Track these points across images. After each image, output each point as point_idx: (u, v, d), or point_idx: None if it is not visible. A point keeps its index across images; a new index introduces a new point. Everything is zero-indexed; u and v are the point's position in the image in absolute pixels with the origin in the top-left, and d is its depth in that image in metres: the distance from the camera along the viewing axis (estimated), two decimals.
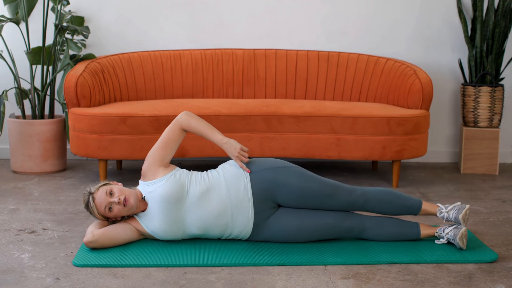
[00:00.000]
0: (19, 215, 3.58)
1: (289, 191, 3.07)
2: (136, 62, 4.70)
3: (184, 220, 3.03)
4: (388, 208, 3.13)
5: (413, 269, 2.85)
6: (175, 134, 3.12)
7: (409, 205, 3.14)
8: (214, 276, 2.74)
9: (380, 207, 3.13)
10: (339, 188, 3.11)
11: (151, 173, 3.07)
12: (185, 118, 3.13)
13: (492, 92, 4.70)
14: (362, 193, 3.12)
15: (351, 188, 3.13)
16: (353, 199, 3.10)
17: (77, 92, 4.23)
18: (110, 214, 3.00)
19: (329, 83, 4.77)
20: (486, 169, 4.75)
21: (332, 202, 3.09)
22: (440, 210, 3.12)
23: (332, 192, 3.09)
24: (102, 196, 2.98)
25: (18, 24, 4.62)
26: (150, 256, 2.92)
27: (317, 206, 3.10)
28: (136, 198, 3.01)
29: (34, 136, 4.50)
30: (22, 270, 2.79)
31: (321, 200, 3.08)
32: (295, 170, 3.12)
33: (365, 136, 4.20)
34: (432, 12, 4.99)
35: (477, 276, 2.78)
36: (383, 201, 3.12)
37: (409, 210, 3.15)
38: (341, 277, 2.75)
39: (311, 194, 3.07)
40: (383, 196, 3.13)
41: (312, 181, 3.09)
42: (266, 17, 4.98)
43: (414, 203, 3.14)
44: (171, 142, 3.11)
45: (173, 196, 2.99)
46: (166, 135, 3.12)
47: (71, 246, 3.10)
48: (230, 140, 3.11)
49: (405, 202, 3.14)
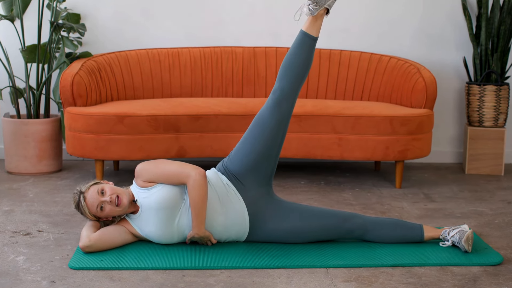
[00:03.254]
0: (13, 217, 3.58)
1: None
2: (134, 60, 4.70)
3: (179, 225, 3.03)
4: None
5: (417, 272, 2.85)
6: (177, 182, 3.01)
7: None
8: (213, 279, 2.74)
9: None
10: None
11: (145, 184, 3.06)
12: (196, 185, 2.96)
13: (498, 91, 4.70)
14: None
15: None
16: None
17: (73, 91, 4.23)
18: (101, 213, 2.99)
19: (330, 81, 4.77)
20: (491, 169, 4.75)
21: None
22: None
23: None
24: (93, 195, 2.97)
25: (12, 21, 4.62)
26: (147, 259, 2.92)
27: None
28: (129, 197, 3.01)
29: (29, 136, 4.50)
30: (17, 273, 2.79)
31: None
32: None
33: (367, 136, 4.20)
34: (436, 9, 4.99)
35: (482, 279, 2.78)
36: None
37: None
38: (343, 280, 2.75)
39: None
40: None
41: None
42: (266, 14, 4.98)
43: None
44: (169, 182, 3.02)
45: (169, 202, 2.99)
46: (171, 177, 3.00)
47: (67, 248, 3.10)
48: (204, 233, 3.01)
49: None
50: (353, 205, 3.89)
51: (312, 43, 3.11)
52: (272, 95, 3.12)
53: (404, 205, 3.91)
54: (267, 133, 3.11)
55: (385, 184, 4.42)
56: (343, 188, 4.31)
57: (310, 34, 3.11)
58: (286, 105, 3.11)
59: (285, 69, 3.12)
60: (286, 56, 3.15)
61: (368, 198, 4.05)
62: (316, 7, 3.08)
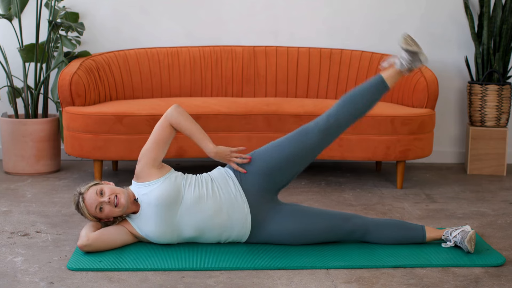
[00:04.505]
0: (11, 218, 3.58)
1: (275, 166, 3.11)
2: (132, 60, 4.70)
3: (179, 223, 3.03)
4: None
5: (418, 273, 2.85)
6: (166, 132, 3.11)
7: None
8: (212, 280, 2.74)
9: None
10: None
11: (145, 174, 3.07)
12: (175, 116, 3.11)
13: (500, 90, 4.70)
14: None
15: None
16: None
17: (71, 91, 4.23)
18: (101, 214, 3.00)
19: (331, 81, 4.77)
20: (494, 170, 4.75)
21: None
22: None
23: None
24: (92, 196, 2.98)
25: (10, 20, 4.62)
26: (146, 260, 2.92)
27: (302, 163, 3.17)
28: (128, 197, 3.01)
29: (27, 136, 4.50)
30: (15, 274, 2.79)
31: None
32: (271, 144, 3.15)
33: (368, 136, 4.20)
34: (437, 8, 4.99)
35: (484, 280, 2.78)
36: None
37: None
38: (344, 281, 2.75)
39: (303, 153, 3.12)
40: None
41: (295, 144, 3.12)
42: (267, 13, 4.98)
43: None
44: (161, 141, 3.10)
45: (169, 199, 2.99)
46: (157, 134, 3.11)
47: (65, 249, 3.10)
48: (220, 148, 3.12)
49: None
50: (354, 206, 3.88)
51: (384, 92, 3.16)
52: (326, 118, 3.13)
53: (406, 206, 3.91)
54: (303, 150, 3.12)
55: (386, 184, 4.42)
56: (343, 188, 4.31)
57: (387, 83, 3.15)
58: (332, 135, 3.14)
59: (349, 102, 3.14)
60: (355, 89, 3.17)
61: (369, 199, 4.05)
62: (408, 65, 3.13)
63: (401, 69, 3.15)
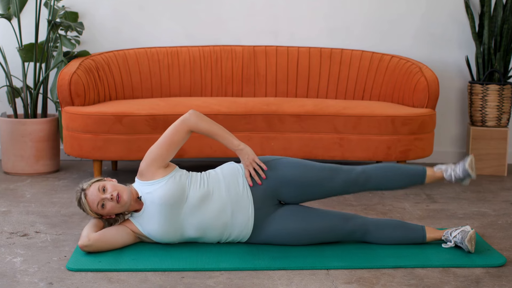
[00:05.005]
0: (10, 218, 3.58)
1: (287, 183, 3.08)
2: (132, 59, 4.70)
3: (182, 222, 3.03)
4: (391, 183, 3.14)
5: (419, 273, 2.85)
6: (181, 136, 3.08)
7: (413, 173, 3.16)
8: (212, 281, 2.74)
9: (382, 182, 3.14)
10: (337, 169, 3.13)
11: (150, 173, 3.06)
12: (194, 119, 3.07)
13: (501, 90, 4.70)
14: (362, 170, 3.13)
15: (349, 167, 3.15)
16: (354, 177, 3.11)
17: (70, 90, 4.23)
18: (103, 211, 3.00)
19: (331, 81, 4.77)
20: (494, 170, 4.75)
21: (333, 184, 3.11)
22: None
23: (330, 175, 3.11)
24: (94, 192, 2.98)
25: (9, 20, 4.62)
26: (146, 260, 2.92)
27: (318, 192, 3.12)
28: (130, 194, 3.00)
29: (27, 136, 4.50)
30: (14, 275, 2.79)
31: (321, 184, 3.09)
32: (287, 161, 3.14)
33: (369, 136, 4.20)
34: (438, 7, 4.99)
35: (485, 280, 2.78)
36: (385, 176, 3.13)
37: (414, 179, 3.16)
38: (344, 282, 2.75)
39: (310, 181, 3.09)
40: (384, 172, 3.14)
41: (307, 168, 3.11)
42: (267, 13, 4.98)
43: (417, 171, 3.16)
44: (175, 144, 3.07)
45: (173, 199, 2.99)
46: (171, 135, 3.07)
47: (64, 249, 3.10)
48: (246, 147, 3.10)
49: (408, 172, 3.16)
50: (354, 206, 3.89)
51: (417, 184, 3.17)
52: (360, 172, 3.11)
53: (406, 206, 3.91)
54: (323, 183, 3.10)
55: None
56: None
57: (425, 179, 3.15)
58: (352, 188, 3.13)
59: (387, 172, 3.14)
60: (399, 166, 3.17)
61: (369, 199, 4.05)
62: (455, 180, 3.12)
63: (446, 179, 3.14)
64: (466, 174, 3.09)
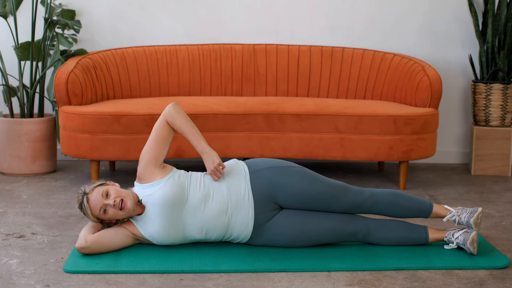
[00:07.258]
0: (6, 219, 3.58)
1: (290, 191, 3.07)
2: (130, 58, 4.70)
3: (184, 223, 3.03)
4: (397, 211, 3.14)
5: (421, 275, 2.85)
6: (165, 130, 3.11)
7: (419, 207, 3.14)
8: (212, 283, 2.74)
9: (388, 210, 3.13)
10: (345, 190, 3.11)
11: (148, 175, 3.06)
12: (171, 113, 3.10)
13: (504, 89, 4.70)
14: (369, 195, 3.12)
15: (357, 190, 3.13)
16: (360, 201, 3.10)
17: (68, 90, 4.23)
18: (104, 216, 2.99)
19: (332, 80, 4.77)
20: (498, 170, 4.75)
21: (337, 204, 3.10)
22: (451, 214, 3.12)
23: (336, 194, 3.09)
24: (97, 197, 2.97)
25: (6, 18, 4.62)
26: (144, 262, 2.92)
27: (320, 208, 3.11)
28: (134, 201, 3.00)
29: (23, 136, 4.50)
30: (10, 277, 2.79)
31: (325, 201, 3.09)
32: (297, 170, 3.12)
33: (370, 135, 4.20)
34: (441, 5, 4.99)
35: (489, 282, 2.78)
36: (392, 203, 3.12)
37: (420, 213, 3.15)
38: (345, 284, 2.75)
39: (314, 196, 3.08)
40: (392, 198, 3.13)
41: (314, 182, 3.10)
42: (267, 11, 4.98)
43: (424, 206, 3.15)
44: (162, 139, 3.10)
45: (173, 199, 2.99)
46: (156, 132, 3.11)
47: (61, 251, 3.10)
48: (211, 151, 3.08)
49: (415, 205, 3.15)
50: None
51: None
52: (368, 195, 3.11)
53: None
54: (336, 200, 3.10)
55: (389, 185, 4.42)
56: None
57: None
58: (356, 209, 3.11)
59: (396, 199, 3.13)
60: (411, 198, 3.16)
61: None
62: (460, 223, 3.11)
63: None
64: (469, 225, 3.08)
